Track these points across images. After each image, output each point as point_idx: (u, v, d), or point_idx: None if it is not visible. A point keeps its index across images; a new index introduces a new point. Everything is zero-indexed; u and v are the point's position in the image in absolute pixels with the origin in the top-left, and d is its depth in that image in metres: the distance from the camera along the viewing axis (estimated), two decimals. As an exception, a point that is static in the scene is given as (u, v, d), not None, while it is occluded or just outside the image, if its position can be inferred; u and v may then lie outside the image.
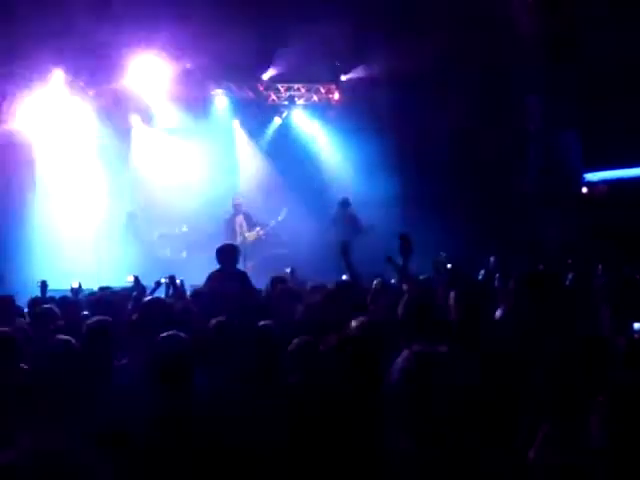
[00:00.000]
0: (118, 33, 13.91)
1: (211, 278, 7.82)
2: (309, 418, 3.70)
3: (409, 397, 2.52)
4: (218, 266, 7.93)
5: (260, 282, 9.01)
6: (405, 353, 2.60)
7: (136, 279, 8.65)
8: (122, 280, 10.15)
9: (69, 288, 9.11)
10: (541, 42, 14.11)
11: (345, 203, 14.80)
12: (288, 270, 9.67)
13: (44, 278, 9.09)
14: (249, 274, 8.56)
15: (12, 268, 12.42)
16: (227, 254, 7.96)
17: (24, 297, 8.12)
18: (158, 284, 8.42)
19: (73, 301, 7.38)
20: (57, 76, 14.74)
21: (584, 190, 14.69)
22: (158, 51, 15.15)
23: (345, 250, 6.63)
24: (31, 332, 5.61)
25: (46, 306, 6.44)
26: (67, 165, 15.41)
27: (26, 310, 7.35)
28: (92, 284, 10.58)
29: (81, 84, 15.45)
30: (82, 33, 13.38)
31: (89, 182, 15.50)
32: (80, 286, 9.05)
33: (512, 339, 4.51)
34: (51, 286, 9.34)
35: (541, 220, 14.26)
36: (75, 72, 14.99)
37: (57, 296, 8.09)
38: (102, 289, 8.74)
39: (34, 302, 7.50)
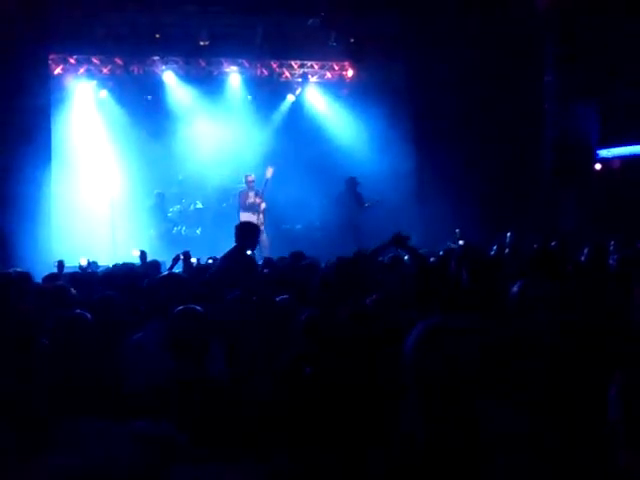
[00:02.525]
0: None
1: (226, 257, 7.74)
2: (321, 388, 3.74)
3: (423, 370, 2.53)
4: (234, 243, 7.85)
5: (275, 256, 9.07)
6: (420, 326, 2.61)
7: (142, 253, 8.63)
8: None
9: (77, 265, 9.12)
10: (557, 15, 13.98)
11: (353, 182, 14.83)
12: None
13: (60, 255, 9.13)
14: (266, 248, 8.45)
15: (29, 246, 12.49)
16: (246, 232, 7.87)
17: (40, 275, 8.16)
18: (176, 260, 8.45)
19: (83, 277, 7.38)
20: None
21: (597, 167, 14.61)
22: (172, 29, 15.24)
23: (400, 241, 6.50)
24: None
25: (58, 283, 6.44)
26: (83, 144, 15.53)
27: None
28: (108, 261, 10.65)
29: (96, 62, 15.57)
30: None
31: (105, 161, 15.61)
32: (89, 263, 9.05)
33: (527, 314, 4.52)
34: (68, 263, 9.37)
35: (556, 196, 14.22)
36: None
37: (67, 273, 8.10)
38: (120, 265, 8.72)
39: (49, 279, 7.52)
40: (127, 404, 3.84)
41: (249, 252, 7.66)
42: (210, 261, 8.84)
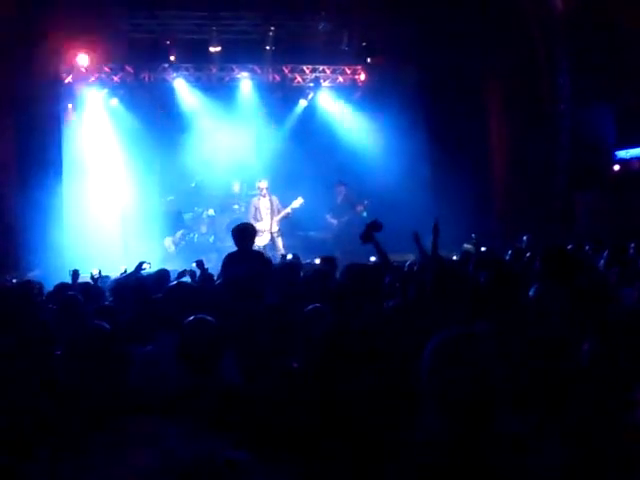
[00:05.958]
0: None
1: (227, 260, 7.57)
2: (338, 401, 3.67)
3: (443, 380, 2.47)
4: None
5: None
6: (440, 335, 2.55)
7: (147, 265, 8.42)
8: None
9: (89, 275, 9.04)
10: (572, 17, 13.88)
11: (339, 183, 14.92)
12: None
13: (73, 264, 9.09)
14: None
15: (42, 254, 12.53)
16: (242, 234, 7.71)
17: (52, 284, 8.11)
18: (182, 274, 8.35)
19: (95, 288, 7.32)
20: (82, 61, 14.88)
21: (616, 168, 14.48)
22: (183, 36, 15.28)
23: (370, 233, 6.46)
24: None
25: (70, 293, 6.40)
26: (94, 152, 15.54)
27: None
28: (119, 270, 10.63)
29: (107, 70, 15.58)
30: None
31: (116, 168, 15.62)
32: (100, 273, 8.98)
33: (545, 318, 4.44)
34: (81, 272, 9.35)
35: (573, 198, 14.12)
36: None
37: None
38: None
39: (61, 289, 7.47)
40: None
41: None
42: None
